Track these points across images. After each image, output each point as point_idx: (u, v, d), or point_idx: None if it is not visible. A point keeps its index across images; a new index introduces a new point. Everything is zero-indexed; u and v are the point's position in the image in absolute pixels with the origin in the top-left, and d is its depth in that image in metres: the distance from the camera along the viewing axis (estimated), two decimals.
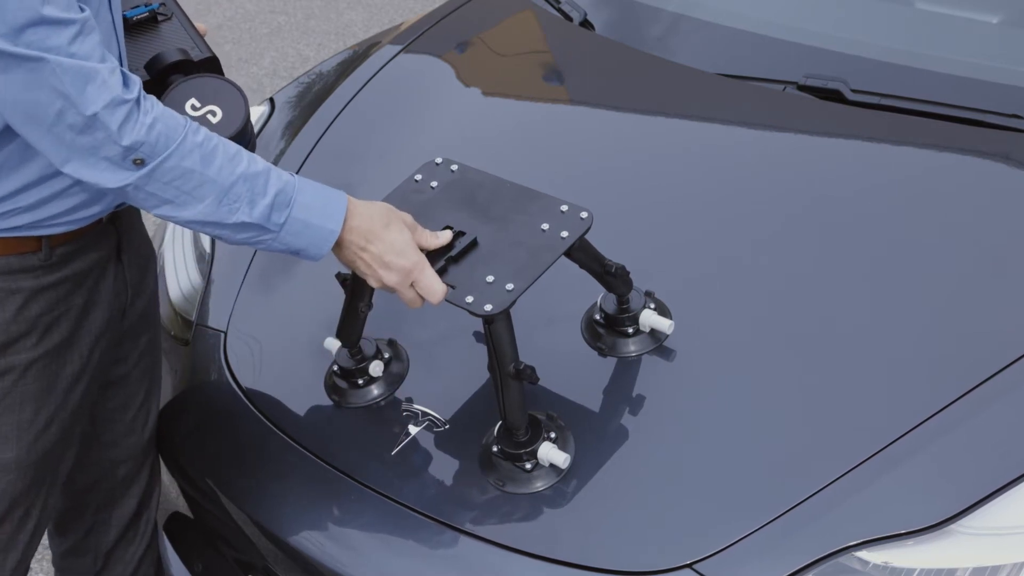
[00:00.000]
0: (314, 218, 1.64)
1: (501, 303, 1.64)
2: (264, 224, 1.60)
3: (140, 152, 1.50)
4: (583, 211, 1.74)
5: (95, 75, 1.46)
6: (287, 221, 1.62)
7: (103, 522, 2.10)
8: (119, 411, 2.01)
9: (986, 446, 1.68)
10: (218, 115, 1.70)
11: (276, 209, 1.60)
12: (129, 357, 1.98)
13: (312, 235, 1.64)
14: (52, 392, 1.77)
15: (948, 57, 2.34)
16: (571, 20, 2.69)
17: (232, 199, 1.57)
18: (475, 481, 1.77)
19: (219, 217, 1.57)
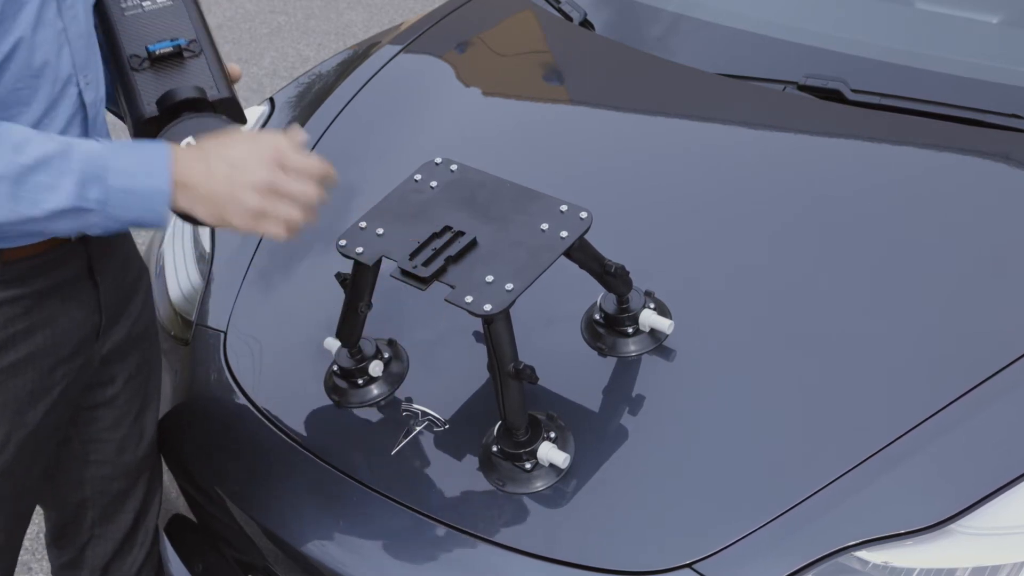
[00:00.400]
0: (137, 182, 1.49)
1: (500, 303, 1.64)
2: (81, 205, 1.45)
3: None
4: (583, 211, 1.74)
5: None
6: (108, 194, 1.47)
7: (100, 536, 2.07)
8: (108, 431, 1.96)
9: (986, 446, 1.68)
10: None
11: (88, 184, 1.46)
12: (116, 379, 1.93)
13: (141, 201, 1.49)
14: (5, 410, 1.70)
15: (948, 57, 2.34)
16: (571, 20, 2.69)
17: (29, 189, 1.42)
18: (475, 481, 1.77)
19: (23, 212, 1.43)
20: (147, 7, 1.73)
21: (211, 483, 2.00)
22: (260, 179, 1.54)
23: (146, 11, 1.73)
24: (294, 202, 1.56)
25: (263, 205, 1.54)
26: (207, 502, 2.03)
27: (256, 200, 1.53)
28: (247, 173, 1.53)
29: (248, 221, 1.54)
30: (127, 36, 1.73)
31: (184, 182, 1.51)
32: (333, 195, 2.35)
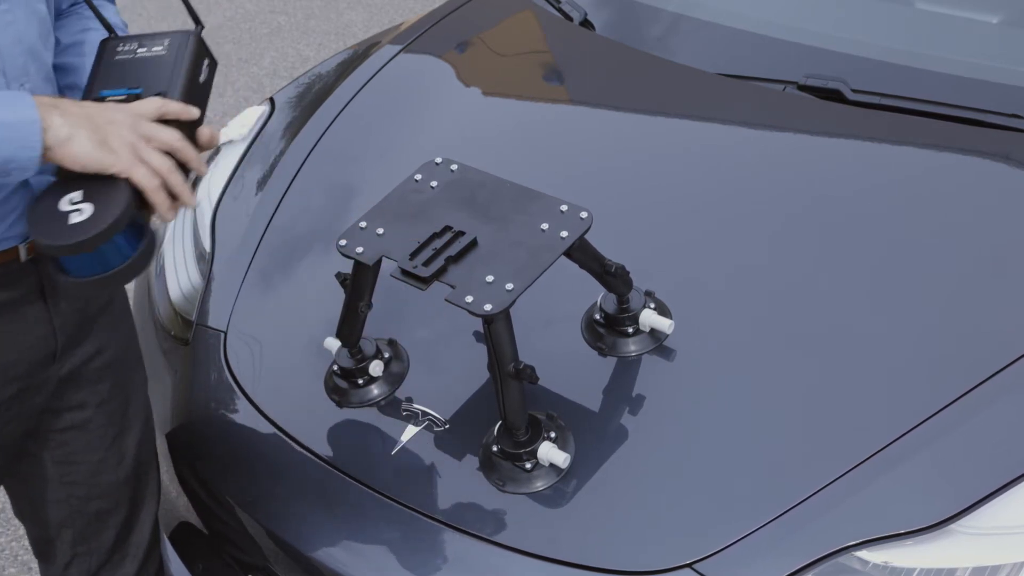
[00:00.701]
0: (3, 115, 1.45)
1: (501, 303, 1.64)
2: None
3: None
4: (583, 211, 1.74)
5: None
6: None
7: (83, 554, 2.03)
8: (79, 454, 1.92)
9: (986, 446, 1.68)
10: (84, 212, 1.50)
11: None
12: (87, 404, 1.88)
13: (8, 134, 1.44)
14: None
15: (948, 57, 2.34)
16: (571, 20, 2.69)
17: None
18: (475, 481, 1.77)
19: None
20: (140, 54, 1.67)
21: (211, 483, 2.00)
22: (126, 112, 1.53)
23: (136, 57, 1.66)
24: (160, 156, 1.54)
25: (137, 140, 1.51)
26: (207, 502, 2.03)
27: (131, 130, 1.51)
28: (111, 108, 1.53)
29: (129, 154, 1.51)
30: (101, 78, 1.65)
31: (53, 103, 1.49)
32: (334, 195, 2.37)
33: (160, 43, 1.67)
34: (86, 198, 1.51)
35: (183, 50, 1.66)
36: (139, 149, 1.52)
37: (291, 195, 2.37)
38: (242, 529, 1.95)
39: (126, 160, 1.51)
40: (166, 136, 1.54)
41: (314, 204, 2.36)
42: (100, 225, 1.49)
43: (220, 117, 5.08)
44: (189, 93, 1.63)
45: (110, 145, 1.50)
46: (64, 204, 1.51)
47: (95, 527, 2.01)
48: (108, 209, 1.50)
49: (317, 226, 2.31)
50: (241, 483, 1.95)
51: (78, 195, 1.51)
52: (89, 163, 1.49)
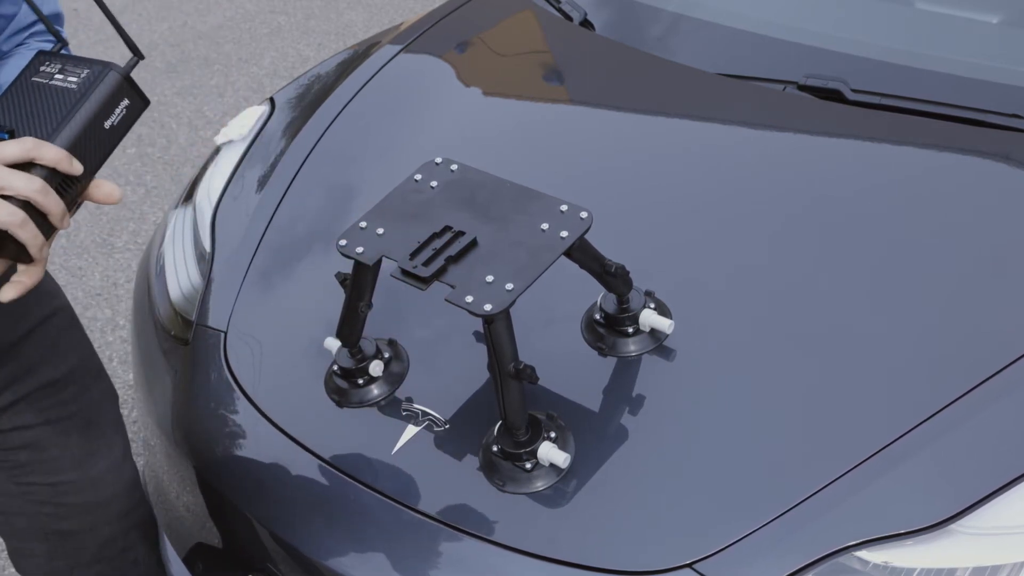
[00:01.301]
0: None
1: (501, 303, 1.64)
2: None
3: None
4: (583, 211, 1.73)
5: None
6: None
7: (61, 569, 2.01)
8: (36, 475, 1.86)
9: (986, 446, 1.68)
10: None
11: None
12: (31, 424, 1.83)
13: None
14: None
15: (948, 57, 2.34)
16: (571, 20, 2.69)
17: None
18: (475, 481, 1.77)
19: None
20: (55, 80, 1.51)
21: (211, 483, 2.00)
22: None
23: (48, 84, 1.51)
24: (8, 206, 1.39)
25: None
26: (207, 502, 2.03)
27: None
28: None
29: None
30: (2, 103, 1.52)
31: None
32: (334, 195, 2.37)
33: (78, 73, 1.52)
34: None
35: (92, 88, 1.51)
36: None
37: (291, 195, 2.37)
38: (241, 528, 1.95)
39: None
40: (19, 185, 1.39)
41: (314, 204, 2.36)
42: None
43: (220, 117, 5.08)
44: (82, 139, 1.48)
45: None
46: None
47: (71, 544, 1.97)
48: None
49: (317, 226, 2.31)
50: (241, 483, 1.95)
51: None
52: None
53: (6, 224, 1.38)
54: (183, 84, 5.40)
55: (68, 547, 1.96)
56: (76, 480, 1.91)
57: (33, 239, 1.41)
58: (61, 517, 1.92)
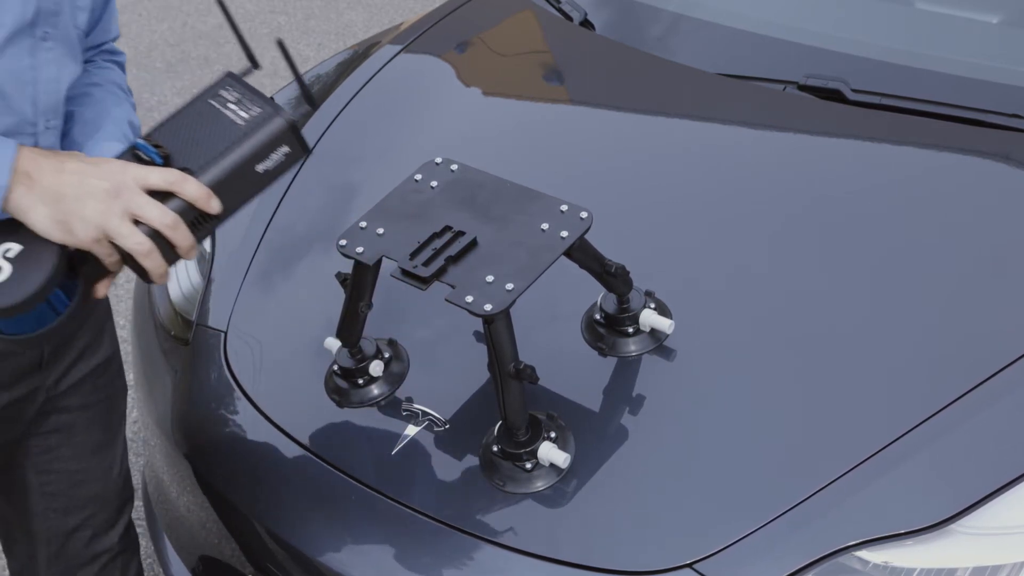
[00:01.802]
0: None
1: (501, 303, 1.64)
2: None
3: None
4: (583, 211, 1.74)
5: None
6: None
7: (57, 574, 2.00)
8: (61, 461, 1.85)
9: (986, 446, 1.68)
10: (5, 273, 1.41)
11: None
12: (70, 408, 1.83)
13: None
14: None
15: (948, 57, 2.34)
16: (571, 20, 2.69)
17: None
18: (475, 481, 1.77)
19: None
20: (228, 109, 1.51)
21: (211, 483, 2.00)
22: (116, 182, 1.41)
23: (221, 112, 1.51)
24: (138, 235, 1.42)
25: (110, 217, 1.40)
26: (207, 502, 2.03)
27: (107, 204, 1.40)
28: (102, 174, 1.41)
29: (90, 231, 1.40)
30: (175, 119, 1.54)
31: (28, 171, 1.39)
32: (333, 195, 2.37)
33: (250, 110, 1.51)
34: (18, 258, 1.41)
35: (256, 130, 1.50)
36: (109, 228, 1.40)
37: (291, 195, 2.37)
38: (241, 527, 1.95)
39: (83, 241, 1.41)
40: (152, 215, 1.42)
41: (314, 204, 2.36)
42: (17, 296, 1.40)
43: None
44: (230, 178, 1.48)
45: (69, 225, 1.40)
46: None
47: (72, 546, 1.96)
48: (26, 282, 1.40)
49: (317, 226, 2.31)
50: (241, 483, 1.95)
51: (14, 248, 1.42)
52: (41, 234, 1.41)
53: (133, 251, 1.41)
54: (183, 84, 5.40)
55: (69, 549, 1.96)
56: (92, 468, 1.92)
57: (156, 268, 1.44)
58: (68, 512, 1.92)
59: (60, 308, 1.47)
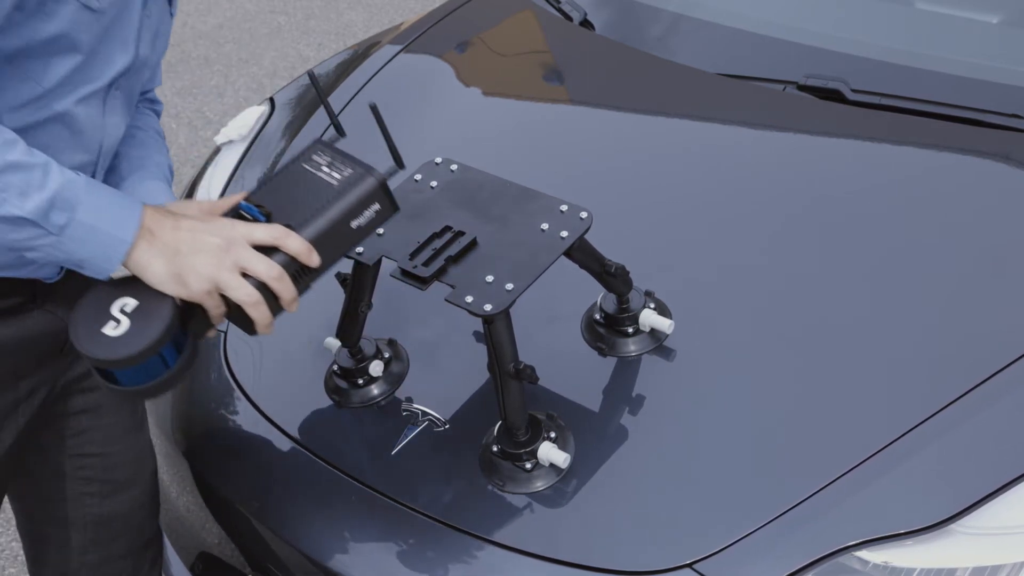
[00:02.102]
0: (103, 222, 1.45)
1: (501, 303, 1.64)
2: (40, 222, 1.40)
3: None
4: (583, 211, 1.73)
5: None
6: (69, 224, 1.42)
7: (92, 564, 2.01)
8: (94, 444, 1.91)
9: (986, 446, 1.68)
10: (123, 327, 1.48)
11: (57, 208, 1.41)
12: (95, 387, 1.88)
13: (100, 241, 1.45)
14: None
15: (948, 57, 2.34)
16: (571, 20, 2.69)
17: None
18: (475, 481, 1.77)
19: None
20: (322, 172, 1.60)
21: (211, 483, 2.00)
22: (226, 237, 1.50)
23: (315, 175, 1.60)
24: (247, 287, 1.49)
25: (221, 271, 1.48)
26: (207, 502, 2.03)
27: (219, 259, 1.48)
28: (213, 230, 1.50)
29: (203, 283, 1.48)
30: (273, 183, 1.62)
31: (150, 227, 1.48)
32: None
33: (342, 171, 1.60)
34: (134, 312, 1.49)
35: (350, 189, 1.58)
36: (220, 280, 1.48)
37: None
38: (240, 527, 1.95)
39: (196, 294, 1.48)
40: (260, 269, 1.49)
41: None
42: (136, 347, 1.47)
43: (220, 117, 5.09)
44: (327, 234, 1.56)
45: (184, 279, 1.48)
46: (115, 308, 1.50)
47: (108, 532, 1.98)
48: (144, 334, 1.48)
49: None
50: (240, 482, 1.95)
51: (131, 303, 1.50)
52: (157, 287, 1.49)
53: (242, 302, 1.49)
54: (183, 84, 5.40)
55: (104, 535, 1.98)
56: (124, 452, 1.95)
57: (262, 318, 1.52)
58: (105, 496, 1.94)
59: (169, 360, 1.53)
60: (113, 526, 1.98)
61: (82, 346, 1.48)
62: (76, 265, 1.47)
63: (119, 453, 1.94)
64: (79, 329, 1.49)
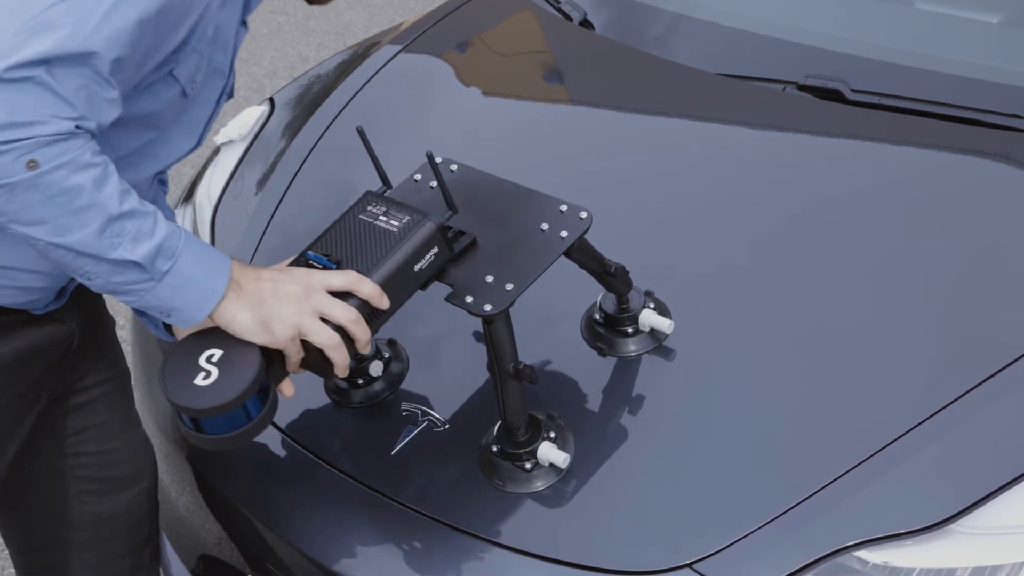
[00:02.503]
0: (199, 272, 1.51)
1: (500, 303, 1.64)
2: (147, 267, 1.46)
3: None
4: (582, 211, 1.73)
5: None
6: (170, 271, 1.48)
7: (94, 563, 2.02)
8: (90, 443, 1.94)
9: (986, 446, 1.68)
10: (212, 376, 1.54)
11: (162, 255, 1.47)
12: (88, 387, 1.92)
13: (194, 290, 1.51)
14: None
15: (948, 57, 2.33)
16: (571, 20, 2.69)
17: (116, 232, 1.43)
18: (475, 481, 1.77)
19: (99, 250, 1.43)
20: (379, 221, 1.68)
21: (211, 483, 2.00)
22: (305, 285, 1.57)
23: (373, 223, 1.68)
24: (328, 331, 1.57)
25: (302, 316, 1.55)
26: (206, 502, 2.03)
27: (300, 307, 1.55)
28: (293, 279, 1.58)
29: (288, 330, 1.55)
30: (332, 232, 1.70)
31: (237, 280, 1.55)
32: (333, 195, 2.36)
33: (400, 218, 1.68)
34: (221, 361, 1.55)
35: (411, 234, 1.65)
36: (302, 326, 1.55)
37: (291, 195, 2.37)
38: (241, 528, 1.95)
39: (281, 341, 1.56)
40: (339, 313, 1.57)
41: (314, 204, 2.36)
42: (219, 399, 1.53)
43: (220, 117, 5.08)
44: (393, 279, 1.63)
45: (269, 327, 1.55)
46: (202, 359, 1.55)
47: (106, 531, 1.99)
48: (236, 381, 1.54)
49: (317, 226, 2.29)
50: (240, 482, 1.95)
51: (217, 353, 1.56)
52: (244, 338, 1.55)
53: (324, 345, 1.56)
54: None
55: (103, 533, 1.98)
56: (121, 448, 1.96)
57: (342, 360, 1.59)
58: (103, 494, 1.96)
59: (252, 411, 1.59)
60: (112, 524, 1.98)
61: (176, 398, 1.54)
62: (165, 312, 1.52)
63: (116, 450, 1.95)
64: (171, 382, 1.55)
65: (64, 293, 1.74)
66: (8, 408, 1.72)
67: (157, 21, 1.45)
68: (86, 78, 1.38)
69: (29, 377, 1.73)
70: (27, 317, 1.70)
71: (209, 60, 1.62)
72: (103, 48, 1.39)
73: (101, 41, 1.38)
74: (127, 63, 1.44)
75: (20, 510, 1.98)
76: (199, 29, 1.55)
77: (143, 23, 1.42)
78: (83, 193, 1.39)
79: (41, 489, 1.93)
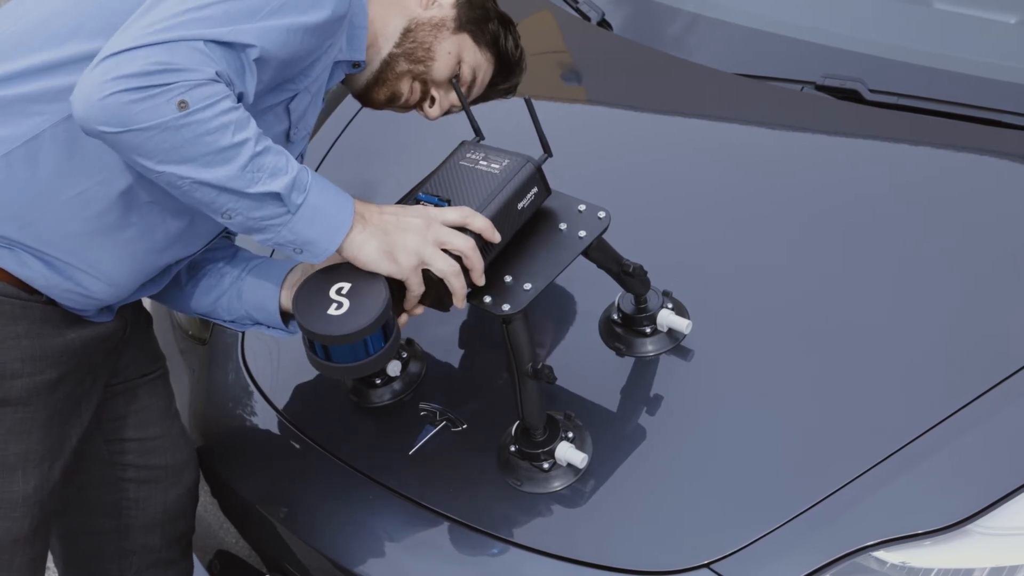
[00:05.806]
0: (328, 204, 1.60)
1: (518, 303, 1.64)
2: (285, 199, 1.54)
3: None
4: (601, 211, 1.74)
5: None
6: (304, 204, 1.56)
7: (130, 551, 2.04)
8: (130, 429, 1.98)
9: (1003, 446, 1.68)
10: (344, 307, 1.62)
11: (296, 189, 1.55)
12: (130, 375, 1.96)
13: (325, 222, 1.59)
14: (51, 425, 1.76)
15: (966, 57, 2.33)
16: (589, 20, 2.69)
17: (256, 167, 1.51)
18: (493, 481, 1.77)
19: (241, 184, 1.51)
20: (480, 166, 1.78)
21: (228, 482, 2.00)
22: (425, 217, 1.66)
23: (474, 168, 1.78)
24: (449, 259, 1.64)
25: (425, 246, 1.64)
26: (223, 501, 2.04)
27: (422, 237, 1.64)
28: (412, 212, 1.67)
29: (412, 258, 1.63)
30: (436, 178, 1.79)
31: (361, 213, 1.63)
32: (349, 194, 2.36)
33: (499, 161, 1.77)
34: (350, 293, 1.62)
35: (513, 175, 1.74)
36: (425, 255, 1.64)
37: None
38: (259, 527, 1.96)
39: (405, 270, 1.64)
40: (458, 242, 1.65)
41: None
42: (355, 325, 1.59)
43: None
44: (500, 215, 1.70)
45: (394, 256, 1.63)
46: (332, 292, 1.63)
47: (144, 518, 2.00)
48: (365, 311, 1.60)
49: None
50: (258, 482, 1.96)
51: (346, 286, 1.63)
52: (371, 267, 1.63)
53: (444, 273, 1.65)
54: None
55: (140, 521, 2.00)
56: (161, 436, 1.98)
57: (461, 289, 1.66)
58: (142, 482, 1.98)
59: (378, 344, 1.65)
60: (150, 512, 1.99)
61: (313, 327, 1.61)
62: (299, 247, 1.60)
63: (155, 438, 1.97)
64: (306, 315, 1.62)
65: (111, 310, 1.80)
66: (71, 394, 1.76)
67: (304, 33, 1.60)
68: (234, 60, 1.52)
69: (90, 363, 1.78)
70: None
71: (310, 110, 1.77)
72: (255, 40, 1.54)
73: (254, 33, 1.53)
74: (269, 63, 1.58)
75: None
76: (320, 63, 1.70)
77: (296, 30, 1.59)
78: (227, 131, 1.48)
79: (82, 476, 1.94)
